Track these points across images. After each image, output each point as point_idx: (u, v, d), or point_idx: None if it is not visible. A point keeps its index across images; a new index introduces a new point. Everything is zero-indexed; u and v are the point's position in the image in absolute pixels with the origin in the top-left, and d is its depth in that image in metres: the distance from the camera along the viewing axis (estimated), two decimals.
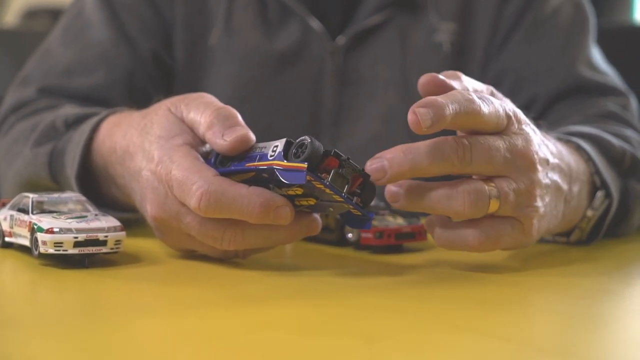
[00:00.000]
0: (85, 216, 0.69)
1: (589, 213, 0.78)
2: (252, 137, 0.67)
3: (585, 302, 0.63)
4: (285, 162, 0.63)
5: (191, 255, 0.71)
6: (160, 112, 0.72)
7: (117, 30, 1.02)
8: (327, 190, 0.63)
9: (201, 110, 0.69)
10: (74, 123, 0.87)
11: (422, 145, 0.65)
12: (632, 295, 0.66)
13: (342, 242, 0.76)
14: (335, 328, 0.54)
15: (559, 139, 0.78)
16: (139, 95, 0.98)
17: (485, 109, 0.65)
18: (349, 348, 0.50)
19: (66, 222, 0.67)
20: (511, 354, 0.50)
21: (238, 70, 1.03)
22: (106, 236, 0.67)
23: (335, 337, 0.52)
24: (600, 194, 0.78)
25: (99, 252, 0.67)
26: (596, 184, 0.79)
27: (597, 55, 1.07)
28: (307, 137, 0.64)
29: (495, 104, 0.66)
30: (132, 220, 0.77)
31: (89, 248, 0.66)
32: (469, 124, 0.66)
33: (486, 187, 0.65)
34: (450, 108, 0.64)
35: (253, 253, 0.71)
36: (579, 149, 0.79)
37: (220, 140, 0.67)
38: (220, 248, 0.67)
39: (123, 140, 0.74)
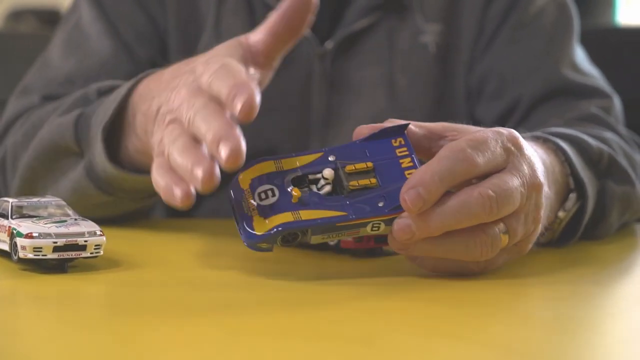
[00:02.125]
0: (65, 220, 0.68)
1: (561, 214, 0.78)
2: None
3: (561, 306, 0.63)
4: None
5: (173, 260, 0.71)
6: (229, 42, 0.75)
7: (115, 40, 1.02)
8: (405, 163, 0.64)
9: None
10: (106, 92, 0.87)
11: (450, 208, 0.63)
12: (607, 299, 0.67)
13: (322, 246, 0.76)
14: (319, 332, 0.54)
15: (537, 138, 0.79)
16: None
17: (480, 160, 0.64)
18: (333, 352, 0.50)
19: (45, 226, 0.67)
20: (487, 358, 0.50)
21: None
22: (86, 241, 0.67)
23: (318, 341, 0.52)
24: (573, 196, 0.78)
25: (78, 256, 0.67)
26: (570, 185, 0.79)
27: (581, 57, 1.07)
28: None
29: (490, 145, 0.65)
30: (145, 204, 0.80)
31: (68, 253, 0.66)
32: (467, 179, 0.65)
33: (497, 230, 0.65)
34: (443, 180, 0.62)
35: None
36: (556, 150, 0.79)
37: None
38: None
39: (169, 74, 0.75)
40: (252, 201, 0.64)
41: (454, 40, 1.06)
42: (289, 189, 0.64)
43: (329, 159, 0.65)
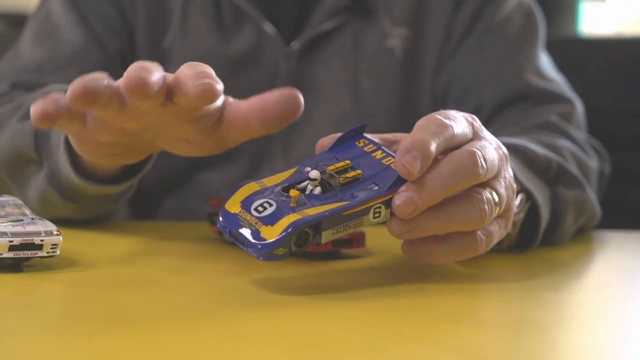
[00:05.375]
0: (22, 220, 0.68)
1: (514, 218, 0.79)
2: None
3: (515, 308, 0.64)
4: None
5: (130, 261, 0.71)
6: None
7: (86, 30, 1.03)
8: (378, 155, 0.65)
9: None
10: None
11: (445, 170, 0.63)
12: (563, 302, 0.67)
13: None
14: (298, 339, 0.54)
15: None
16: None
17: (456, 128, 0.65)
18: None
19: (1, 225, 0.67)
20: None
21: None
22: (42, 240, 0.67)
23: (299, 348, 0.52)
24: (522, 196, 0.79)
25: (34, 256, 0.67)
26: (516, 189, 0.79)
27: (546, 64, 1.08)
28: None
29: (457, 117, 0.66)
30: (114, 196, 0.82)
31: (24, 252, 0.66)
32: (449, 147, 0.65)
33: (488, 192, 0.65)
34: (432, 144, 0.62)
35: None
36: None
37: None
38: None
39: None
40: (252, 216, 0.63)
41: (420, 45, 1.07)
42: (284, 198, 0.63)
43: (306, 170, 0.66)
